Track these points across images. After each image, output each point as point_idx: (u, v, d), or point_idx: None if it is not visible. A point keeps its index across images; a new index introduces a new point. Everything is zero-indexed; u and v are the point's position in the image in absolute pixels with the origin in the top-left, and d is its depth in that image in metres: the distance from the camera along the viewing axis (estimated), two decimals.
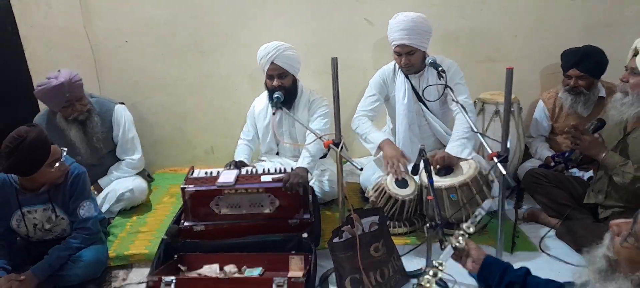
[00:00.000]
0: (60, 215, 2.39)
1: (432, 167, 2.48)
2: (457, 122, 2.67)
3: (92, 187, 2.89)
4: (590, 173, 2.70)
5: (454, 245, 1.64)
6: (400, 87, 2.81)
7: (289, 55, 2.78)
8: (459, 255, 1.65)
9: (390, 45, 2.73)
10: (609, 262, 1.16)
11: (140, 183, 3.05)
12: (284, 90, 2.77)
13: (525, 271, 1.57)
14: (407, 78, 2.80)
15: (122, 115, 3.03)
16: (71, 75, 2.76)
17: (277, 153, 3.11)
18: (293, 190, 2.39)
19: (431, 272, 1.58)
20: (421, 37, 2.65)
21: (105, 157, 3.05)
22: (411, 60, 2.68)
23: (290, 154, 3.04)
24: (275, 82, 2.78)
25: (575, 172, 2.82)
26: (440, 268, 1.60)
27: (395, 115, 2.86)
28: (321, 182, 2.94)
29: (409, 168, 2.50)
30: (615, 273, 1.15)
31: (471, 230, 1.69)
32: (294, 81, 2.86)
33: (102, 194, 2.94)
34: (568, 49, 2.92)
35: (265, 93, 2.94)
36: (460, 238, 1.64)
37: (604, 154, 2.29)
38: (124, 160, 3.08)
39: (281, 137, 2.99)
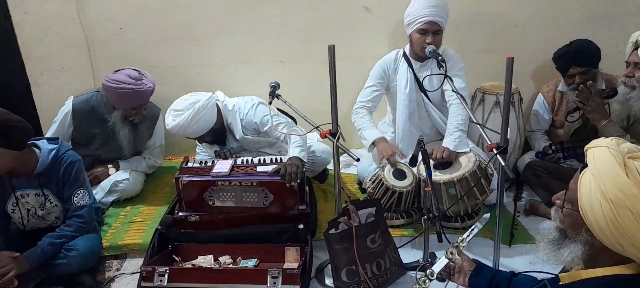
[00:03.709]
0: (54, 201, 2.37)
1: (431, 162, 2.46)
2: (452, 113, 2.63)
3: (110, 165, 2.92)
4: None
5: (448, 257, 1.63)
6: (403, 76, 2.77)
7: (196, 127, 2.64)
8: (450, 273, 1.65)
9: (411, 25, 2.64)
10: (560, 231, 1.26)
11: (136, 175, 3.02)
12: (209, 142, 2.82)
13: (511, 273, 1.62)
14: (410, 67, 2.75)
15: (162, 122, 3.04)
16: (154, 81, 2.79)
17: None
18: (293, 181, 2.34)
19: (420, 282, 1.59)
20: (446, 17, 2.63)
21: (136, 154, 3.10)
22: (436, 40, 2.61)
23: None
24: (200, 142, 2.85)
25: (574, 162, 2.79)
26: (430, 277, 1.61)
27: (396, 105, 2.82)
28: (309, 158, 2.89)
29: (407, 160, 2.47)
30: (566, 240, 1.24)
31: (465, 243, 1.68)
32: (216, 129, 2.76)
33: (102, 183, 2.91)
34: (558, 50, 2.86)
35: None
36: (454, 250, 1.63)
37: (605, 122, 2.29)
38: (149, 159, 3.11)
39: (238, 153, 2.90)
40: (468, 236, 1.73)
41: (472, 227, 1.78)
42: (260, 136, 2.86)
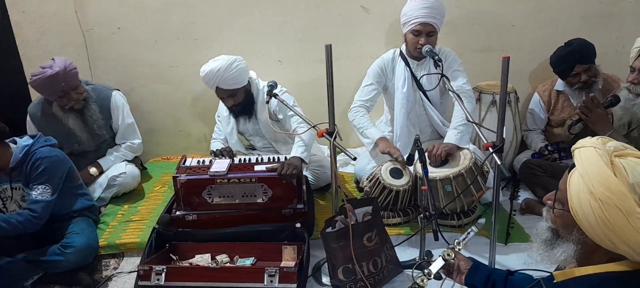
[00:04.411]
0: None
1: (428, 159, 2.47)
2: (455, 111, 2.64)
3: (93, 168, 2.90)
4: None
5: (444, 258, 1.64)
6: (400, 75, 2.77)
7: (232, 75, 2.67)
8: (450, 271, 1.66)
9: (406, 25, 2.65)
10: (552, 231, 1.27)
11: (132, 168, 3.03)
12: (239, 106, 2.78)
13: (507, 272, 1.63)
14: (408, 66, 2.76)
15: (120, 101, 3.02)
16: (66, 64, 2.71)
17: (254, 149, 3.09)
18: (287, 180, 2.35)
19: (418, 280, 1.60)
20: (442, 18, 2.64)
21: (107, 142, 3.05)
22: (430, 41, 2.61)
23: (267, 151, 3.01)
24: (228, 103, 2.79)
25: (571, 162, 2.80)
26: (427, 277, 1.61)
27: (394, 104, 2.83)
28: (313, 168, 2.92)
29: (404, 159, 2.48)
30: (558, 239, 1.25)
31: (461, 246, 1.69)
32: (247, 90, 2.80)
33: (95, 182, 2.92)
34: (556, 53, 2.85)
35: None
36: (451, 252, 1.64)
37: (609, 132, 2.28)
38: (124, 142, 3.07)
39: (251, 137, 2.98)
40: (464, 239, 1.74)
41: (468, 230, 1.79)
42: (277, 126, 2.87)
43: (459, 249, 1.70)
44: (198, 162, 2.57)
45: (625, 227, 1.08)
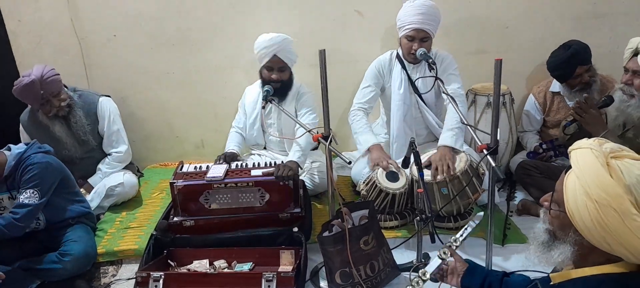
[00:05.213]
0: None
1: (423, 162, 2.47)
2: (449, 113, 2.65)
3: (82, 189, 2.87)
4: None
5: (441, 257, 1.65)
6: (397, 77, 2.79)
7: (291, 50, 2.76)
8: (442, 275, 1.67)
9: (400, 30, 2.67)
10: (549, 233, 1.27)
11: (130, 177, 3.03)
12: (281, 83, 2.76)
13: (503, 273, 1.63)
14: (404, 69, 2.78)
15: (107, 107, 3.00)
16: (43, 72, 2.70)
17: (265, 148, 3.08)
18: (284, 181, 2.36)
19: (414, 282, 1.60)
20: (436, 24, 2.65)
21: (95, 149, 3.03)
22: (424, 46, 2.62)
23: (278, 149, 3.01)
24: (274, 75, 2.76)
25: (566, 161, 2.81)
26: (423, 277, 1.61)
27: (390, 106, 2.84)
28: (312, 173, 2.93)
29: (399, 162, 2.49)
30: (555, 241, 1.25)
31: (459, 243, 1.69)
32: (291, 75, 2.84)
33: (92, 191, 2.92)
34: (555, 58, 2.83)
35: (258, 83, 2.91)
36: (447, 250, 1.65)
37: (603, 133, 2.29)
38: (110, 154, 3.04)
39: (268, 128, 2.98)
40: (461, 236, 1.72)
41: (466, 226, 1.76)
42: (284, 129, 2.89)
43: (456, 247, 1.69)
44: (195, 167, 2.57)
45: (620, 228, 1.08)
